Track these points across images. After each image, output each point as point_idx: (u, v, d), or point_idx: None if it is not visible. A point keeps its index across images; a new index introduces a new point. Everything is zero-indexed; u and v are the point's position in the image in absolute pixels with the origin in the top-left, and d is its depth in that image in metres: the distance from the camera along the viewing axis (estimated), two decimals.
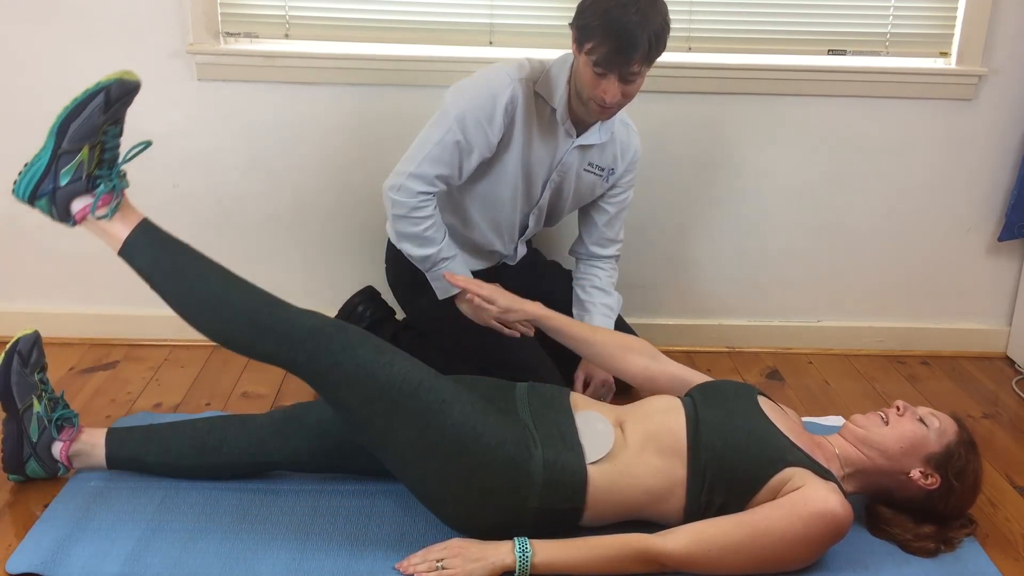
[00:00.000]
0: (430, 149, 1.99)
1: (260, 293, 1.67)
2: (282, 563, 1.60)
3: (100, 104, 1.59)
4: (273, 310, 1.64)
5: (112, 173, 1.68)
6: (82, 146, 1.62)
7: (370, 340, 1.63)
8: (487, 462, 1.57)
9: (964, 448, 1.69)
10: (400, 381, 1.58)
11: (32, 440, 1.76)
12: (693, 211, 2.56)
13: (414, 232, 2.05)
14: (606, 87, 1.89)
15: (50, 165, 1.62)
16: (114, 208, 1.67)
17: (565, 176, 2.15)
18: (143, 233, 1.69)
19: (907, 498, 1.71)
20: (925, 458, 1.67)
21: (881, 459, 1.68)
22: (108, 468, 1.81)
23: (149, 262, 1.68)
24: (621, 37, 1.82)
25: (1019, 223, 2.52)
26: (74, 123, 1.59)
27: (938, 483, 1.67)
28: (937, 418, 1.71)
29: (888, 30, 2.46)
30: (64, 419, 1.81)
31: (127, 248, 1.68)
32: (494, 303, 1.91)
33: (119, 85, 1.59)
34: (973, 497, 1.73)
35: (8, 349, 1.73)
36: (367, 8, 2.37)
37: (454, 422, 1.58)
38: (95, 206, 1.66)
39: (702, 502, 1.61)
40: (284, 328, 1.61)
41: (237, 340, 1.65)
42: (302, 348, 1.60)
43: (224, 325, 1.64)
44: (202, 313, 1.65)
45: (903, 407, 1.73)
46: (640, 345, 1.92)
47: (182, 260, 1.68)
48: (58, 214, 1.66)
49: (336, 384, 1.60)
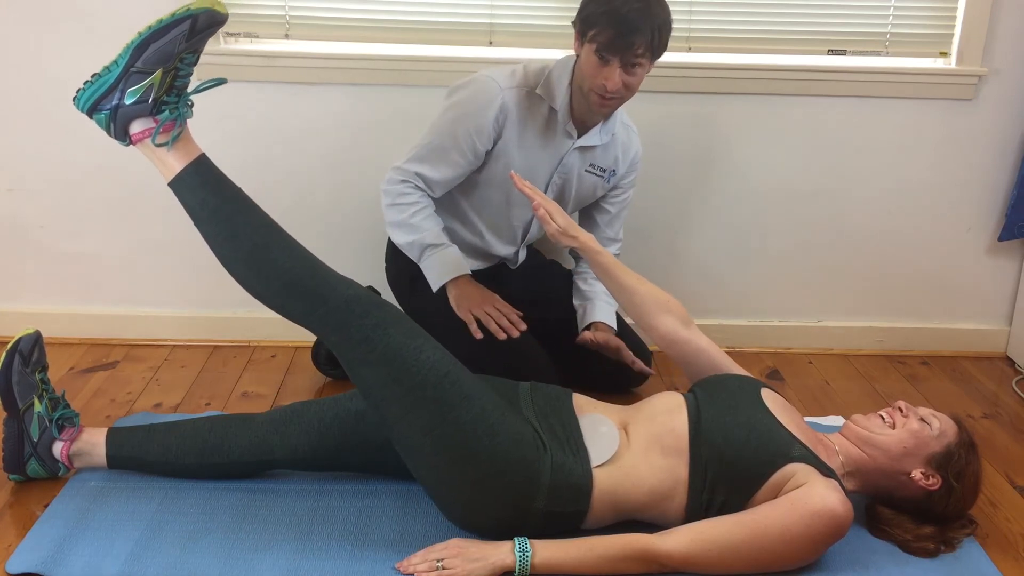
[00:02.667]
0: (417, 151, 2.06)
1: (302, 253, 1.64)
2: (282, 563, 1.60)
3: (185, 31, 1.55)
4: (313, 272, 1.61)
5: (180, 101, 1.64)
6: (156, 69, 1.57)
7: (404, 322, 1.62)
8: (500, 461, 1.57)
9: (964, 449, 1.69)
10: (427, 369, 1.58)
11: (33, 440, 1.76)
12: (693, 211, 2.56)
13: (400, 219, 2.07)
14: (608, 74, 1.91)
15: (118, 81, 1.58)
16: (175, 136, 1.63)
17: (567, 178, 2.15)
18: (197, 170, 1.64)
19: (907, 498, 1.71)
20: (926, 458, 1.67)
21: (883, 459, 1.68)
22: (109, 468, 1.81)
23: (198, 201, 1.64)
24: (625, 22, 1.86)
25: (1019, 223, 2.52)
26: (154, 44, 1.55)
27: (939, 484, 1.67)
28: (938, 419, 1.71)
29: (888, 30, 2.46)
30: (65, 419, 1.81)
31: (178, 182, 1.64)
32: (554, 220, 1.83)
33: (208, 16, 1.54)
34: (973, 498, 1.73)
35: (9, 349, 1.73)
36: (367, 8, 2.37)
37: (473, 418, 1.57)
38: (157, 132, 1.61)
39: (704, 500, 1.61)
40: (321, 293, 1.59)
41: (271, 297, 1.63)
42: (334, 316, 1.58)
43: (260, 280, 1.62)
44: (240, 263, 1.63)
45: (906, 408, 1.73)
46: (676, 307, 1.88)
47: (231, 207, 1.64)
48: (116, 131, 1.62)
49: (363, 360, 1.59)
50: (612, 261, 1.88)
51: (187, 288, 2.55)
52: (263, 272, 1.61)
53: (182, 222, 2.52)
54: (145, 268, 2.53)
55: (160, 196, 2.47)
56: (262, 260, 1.61)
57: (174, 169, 1.64)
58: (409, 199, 2.06)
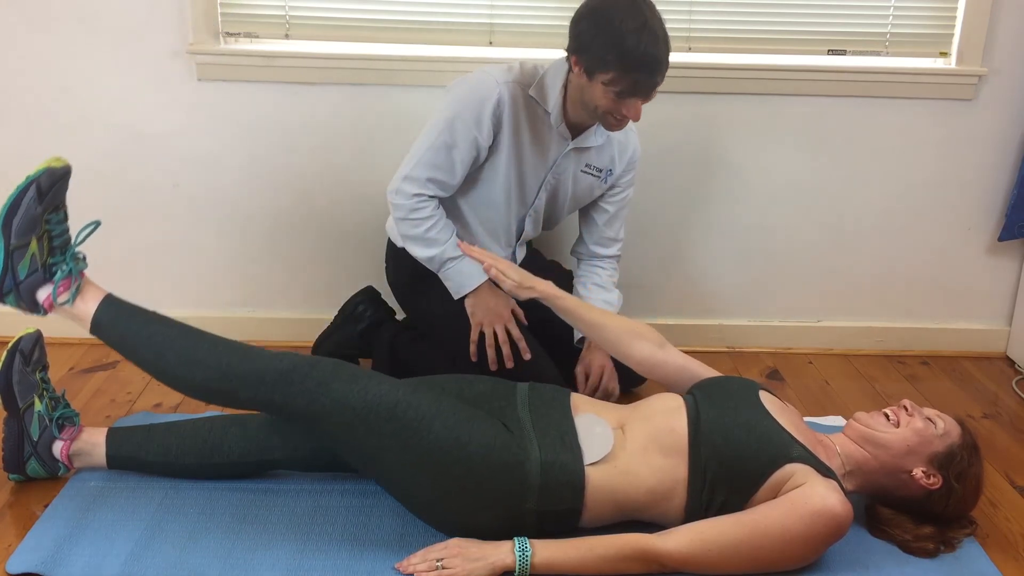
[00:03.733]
0: (423, 153, 2.03)
1: (229, 344, 1.69)
2: (282, 563, 1.60)
3: (34, 196, 1.65)
4: (244, 358, 1.66)
5: (67, 257, 1.73)
6: (30, 237, 1.67)
7: (343, 370, 1.65)
8: (477, 469, 1.58)
9: (967, 451, 1.69)
10: (376, 405, 1.60)
11: (33, 439, 1.76)
12: (693, 211, 2.56)
13: (416, 233, 2.06)
14: (629, 107, 1.91)
15: (6, 262, 1.67)
16: (75, 292, 1.72)
17: (561, 178, 2.15)
18: (107, 310, 1.73)
19: (907, 498, 1.71)
20: (928, 457, 1.67)
21: (885, 456, 1.68)
22: (108, 467, 1.81)
23: (118, 337, 1.73)
24: (645, 67, 1.84)
25: (1019, 223, 2.52)
26: (15, 218, 1.65)
27: (940, 483, 1.67)
28: (943, 419, 1.71)
29: (888, 30, 2.46)
30: (65, 418, 1.81)
31: (95, 327, 1.73)
32: (508, 277, 1.89)
33: (48, 175, 1.66)
34: (974, 501, 1.73)
35: (10, 348, 1.74)
36: (367, 8, 2.37)
37: (437, 436, 1.58)
38: (56, 293, 1.70)
39: (703, 501, 1.61)
40: (257, 374, 1.63)
41: (215, 393, 1.68)
42: (277, 390, 1.62)
43: (200, 382, 1.67)
44: (178, 375, 1.68)
45: (911, 407, 1.73)
46: (648, 332, 1.90)
47: (149, 329, 1.71)
48: (28, 306, 1.72)
49: (317, 419, 1.63)
50: (575, 303, 1.92)
51: (187, 288, 2.55)
52: (199, 374, 1.66)
53: (182, 223, 2.54)
54: (145, 268, 2.53)
55: (159, 197, 2.47)
56: (194, 363, 1.66)
57: (86, 318, 1.72)
58: (423, 213, 2.04)
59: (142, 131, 2.42)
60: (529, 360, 2.09)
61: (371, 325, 2.33)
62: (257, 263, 2.55)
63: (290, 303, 2.59)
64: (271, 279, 2.57)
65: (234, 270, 2.55)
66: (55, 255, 1.72)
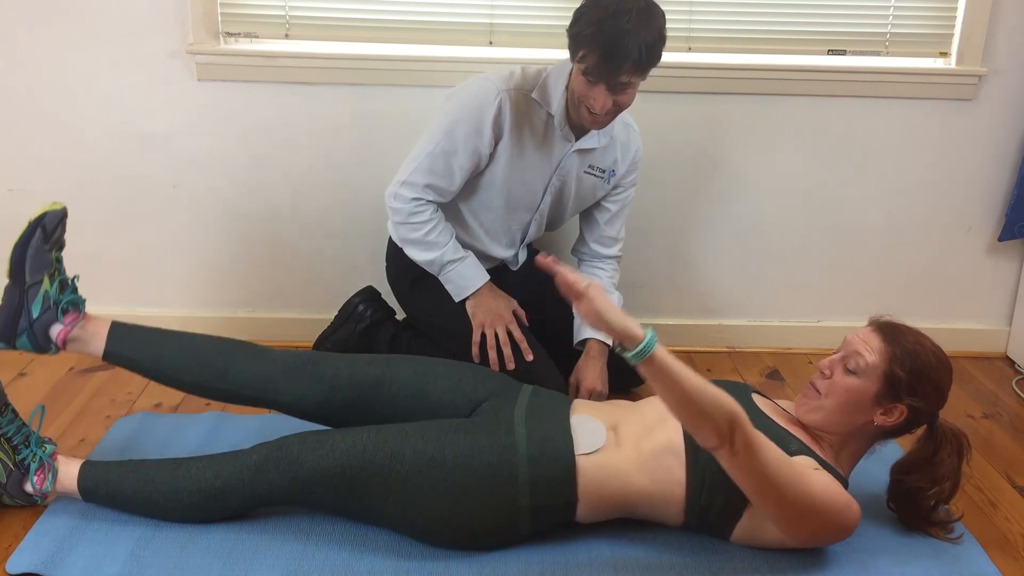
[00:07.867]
0: (421, 159, 2.03)
1: (206, 463, 1.68)
2: (282, 563, 1.60)
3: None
4: (216, 475, 1.66)
5: (70, 291, 1.78)
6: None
7: (306, 440, 1.65)
8: (461, 478, 1.58)
9: (900, 351, 1.61)
10: (345, 461, 1.60)
11: (32, 316, 1.74)
12: (693, 211, 2.56)
13: (415, 237, 2.07)
14: (595, 96, 1.89)
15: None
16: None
17: (565, 180, 2.15)
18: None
19: (892, 432, 1.66)
20: (874, 400, 1.61)
21: (841, 427, 1.64)
22: (102, 360, 1.80)
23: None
24: (610, 47, 1.81)
25: (1019, 223, 2.52)
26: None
27: (903, 411, 1.61)
28: (862, 354, 1.62)
29: (888, 30, 2.46)
30: (71, 303, 1.79)
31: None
32: None
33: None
34: (946, 373, 1.65)
35: (34, 220, 1.72)
36: (367, 8, 2.37)
37: (411, 463, 1.59)
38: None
39: (703, 502, 1.61)
40: (236, 481, 1.65)
41: (207, 514, 1.69)
42: (262, 484, 1.64)
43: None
44: (168, 507, 1.69)
45: (828, 367, 1.66)
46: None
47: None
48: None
49: (304, 495, 1.64)
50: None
51: (187, 288, 2.55)
52: (184, 495, 1.68)
53: (182, 223, 2.54)
54: (145, 268, 2.53)
55: (159, 197, 2.47)
56: (177, 490, 1.68)
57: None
58: (422, 217, 2.06)
59: (142, 131, 2.42)
60: (531, 361, 2.09)
61: (371, 325, 2.33)
62: (257, 263, 2.55)
63: (290, 303, 2.59)
64: (271, 279, 2.57)
65: (234, 270, 2.55)
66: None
